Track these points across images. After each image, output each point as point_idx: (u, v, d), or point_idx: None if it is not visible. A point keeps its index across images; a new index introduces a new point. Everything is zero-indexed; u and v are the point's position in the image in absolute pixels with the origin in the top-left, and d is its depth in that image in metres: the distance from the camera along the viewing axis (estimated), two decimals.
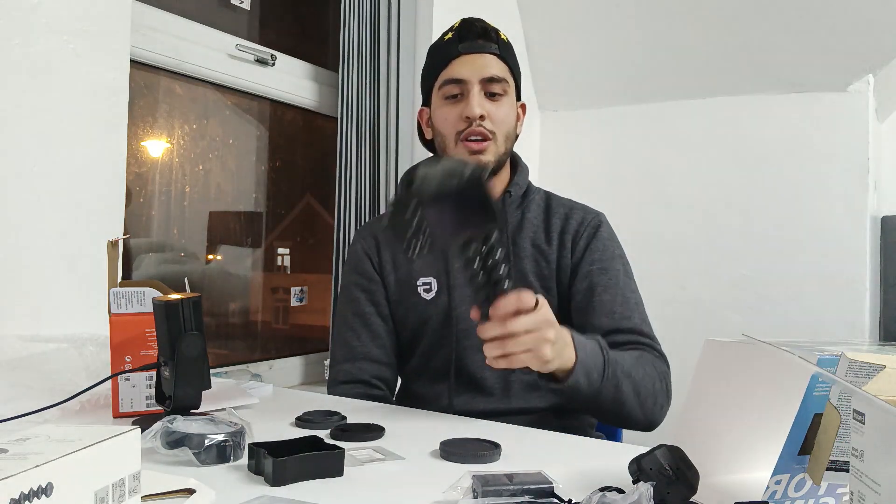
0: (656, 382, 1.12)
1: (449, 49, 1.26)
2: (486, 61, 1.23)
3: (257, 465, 0.71)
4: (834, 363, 0.54)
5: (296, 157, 2.21)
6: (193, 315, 0.87)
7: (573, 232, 1.26)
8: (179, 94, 1.84)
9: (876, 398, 0.45)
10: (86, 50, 1.33)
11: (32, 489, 0.44)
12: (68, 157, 1.31)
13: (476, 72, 1.22)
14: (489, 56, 1.24)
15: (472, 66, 1.23)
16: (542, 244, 1.26)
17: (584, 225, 1.27)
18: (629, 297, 1.22)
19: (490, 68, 1.23)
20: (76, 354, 1.04)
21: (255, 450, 0.72)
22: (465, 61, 1.23)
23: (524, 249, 1.26)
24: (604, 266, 1.23)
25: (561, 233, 1.26)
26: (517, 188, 1.29)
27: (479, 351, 1.16)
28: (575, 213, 1.29)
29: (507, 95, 1.26)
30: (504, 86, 1.24)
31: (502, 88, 1.24)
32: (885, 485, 0.44)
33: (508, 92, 1.26)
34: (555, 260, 1.25)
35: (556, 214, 1.28)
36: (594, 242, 1.25)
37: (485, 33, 1.25)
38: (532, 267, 1.25)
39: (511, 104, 1.27)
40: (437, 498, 0.66)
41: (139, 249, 1.76)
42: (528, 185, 1.33)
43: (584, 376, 1.00)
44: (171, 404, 0.87)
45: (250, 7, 1.98)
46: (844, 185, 2.30)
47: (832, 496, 0.60)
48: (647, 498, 0.54)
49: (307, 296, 2.18)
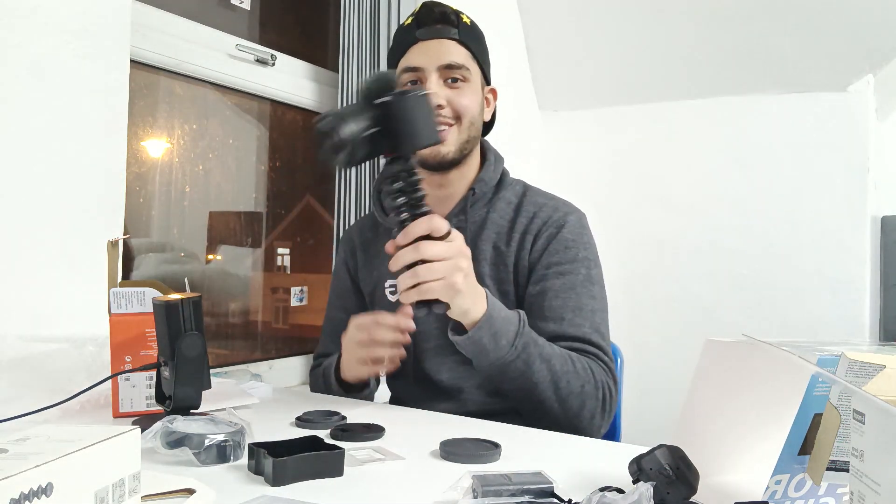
0: (587, 386, 1.06)
1: (407, 35, 1.21)
2: (444, 48, 1.18)
3: (257, 465, 0.71)
4: (834, 363, 0.54)
5: (296, 157, 2.21)
6: (193, 315, 0.87)
7: (535, 231, 1.19)
8: (179, 94, 1.84)
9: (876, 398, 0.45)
10: (86, 50, 1.33)
11: (32, 489, 0.44)
12: (68, 157, 1.31)
13: (433, 59, 1.17)
14: (448, 42, 1.18)
15: (429, 53, 1.18)
16: (503, 246, 1.20)
17: (548, 224, 1.19)
18: (585, 303, 1.14)
19: (449, 55, 1.17)
20: (76, 354, 1.04)
21: (255, 450, 0.72)
22: (423, 48, 1.18)
23: (483, 252, 1.19)
24: (561, 270, 1.15)
25: (523, 232, 1.19)
26: (482, 185, 1.22)
27: (436, 354, 1.20)
28: (542, 211, 1.21)
29: (469, 82, 1.20)
30: (464, 72, 1.18)
31: (462, 75, 1.18)
32: (885, 485, 0.44)
33: (470, 78, 1.20)
34: (512, 262, 1.18)
35: (524, 213, 1.21)
36: (554, 243, 1.17)
37: (444, 17, 1.20)
38: (490, 270, 1.18)
39: (474, 90, 1.21)
40: (437, 498, 0.66)
41: (139, 249, 1.76)
42: (501, 180, 1.25)
43: (489, 335, 1.00)
44: (171, 404, 0.87)
45: (250, 7, 1.98)
46: (844, 185, 2.30)
47: (832, 496, 0.60)
48: (647, 498, 0.54)
49: (307, 296, 2.18)
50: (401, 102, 0.88)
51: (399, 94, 0.88)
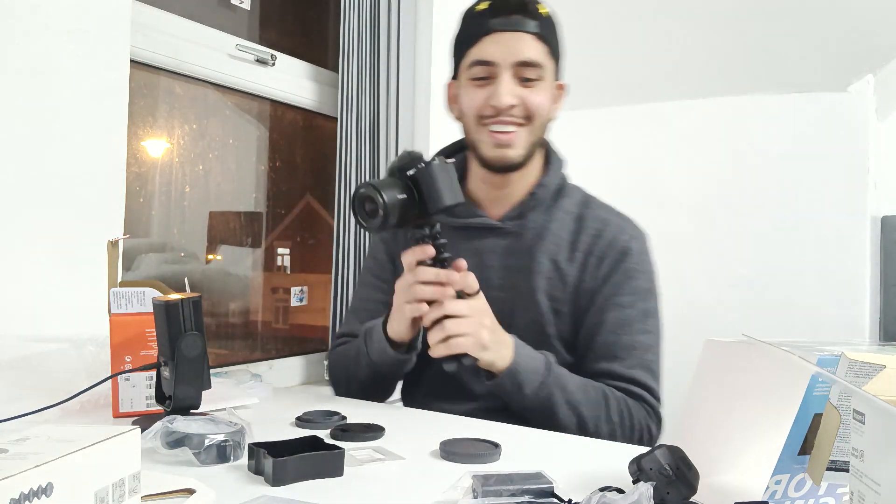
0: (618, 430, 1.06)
1: (480, 23, 1.12)
2: (521, 42, 1.09)
3: (257, 465, 0.71)
4: (834, 363, 0.54)
5: (296, 157, 2.21)
6: (193, 315, 0.87)
7: (599, 253, 1.14)
8: (179, 94, 1.84)
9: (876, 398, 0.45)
10: (86, 50, 1.33)
11: (32, 489, 0.44)
12: (68, 157, 1.31)
13: (508, 54, 1.09)
14: (525, 36, 1.09)
15: (505, 46, 1.09)
16: (563, 262, 1.14)
17: (612, 247, 1.14)
18: (638, 341, 1.11)
19: (525, 51, 1.09)
20: (76, 354, 1.04)
21: (255, 450, 0.72)
22: (497, 40, 1.10)
23: (540, 264, 1.14)
24: (620, 302, 1.12)
25: (587, 252, 1.14)
26: (543, 190, 1.17)
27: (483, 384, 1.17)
28: (607, 231, 1.16)
29: (544, 81, 1.12)
30: (540, 71, 1.11)
31: (538, 74, 1.11)
32: (885, 485, 0.44)
33: (545, 77, 1.12)
34: (573, 282, 1.14)
35: (587, 230, 1.16)
36: (617, 273, 1.13)
37: (522, 7, 1.10)
38: (545, 285, 1.14)
39: (547, 89, 1.13)
40: (437, 498, 0.66)
41: (139, 249, 1.76)
42: (561, 185, 1.20)
43: (512, 384, 1.03)
44: (171, 404, 0.87)
45: (250, 7, 1.98)
46: (844, 185, 2.30)
47: (832, 496, 0.60)
48: (647, 498, 0.54)
49: (307, 296, 2.18)
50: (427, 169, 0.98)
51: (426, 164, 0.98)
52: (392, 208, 0.96)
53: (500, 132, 1.11)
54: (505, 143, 1.12)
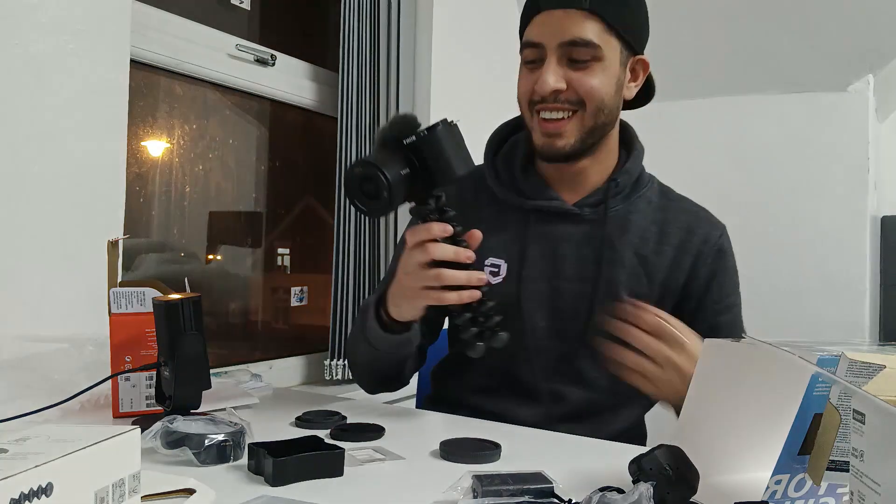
0: None
1: (532, 3, 1.04)
2: (569, 20, 1.00)
3: (257, 465, 0.71)
4: (834, 363, 0.54)
5: (296, 157, 2.21)
6: (193, 315, 0.87)
7: (695, 252, 1.08)
8: (179, 94, 1.84)
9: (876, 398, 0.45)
10: (86, 50, 1.32)
11: (32, 489, 0.44)
12: (68, 157, 1.31)
13: (554, 35, 1.00)
14: (575, 13, 0.99)
15: (552, 26, 1.00)
16: (650, 256, 1.08)
17: (709, 245, 1.09)
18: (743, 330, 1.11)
19: (573, 30, 0.99)
20: (76, 354, 1.04)
21: (255, 450, 0.72)
22: (545, 20, 1.01)
23: (623, 258, 1.06)
24: (729, 303, 1.10)
25: (679, 248, 1.08)
26: (626, 176, 1.09)
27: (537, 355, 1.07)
28: (699, 227, 1.10)
29: (602, 61, 1.01)
30: (594, 51, 1.00)
31: (591, 54, 1.00)
32: (885, 485, 0.44)
33: (603, 56, 1.01)
34: (661, 279, 1.08)
35: (675, 222, 1.10)
36: (721, 275, 1.09)
37: None
38: (626, 280, 1.06)
39: (607, 70, 1.02)
40: (437, 498, 0.66)
41: (139, 249, 1.76)
42: (641, 173, 1.13)
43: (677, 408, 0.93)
44: (171, 404, 0.87)
45: (250, 7, 1.98)
46: (844, 185, 2.30)
47: (832, 496, 0.60)
48: (647, 498, 0.54)
49: (307, 296, 2.18)
50: (432, 137, 0.86)
51: (428, 130, 0.87)
52: (397, 186, 0.84)
53: (547, 120, 1.03)
54: (552, 131, 1.03)
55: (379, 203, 0.85)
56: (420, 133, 0.87)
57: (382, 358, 1.05)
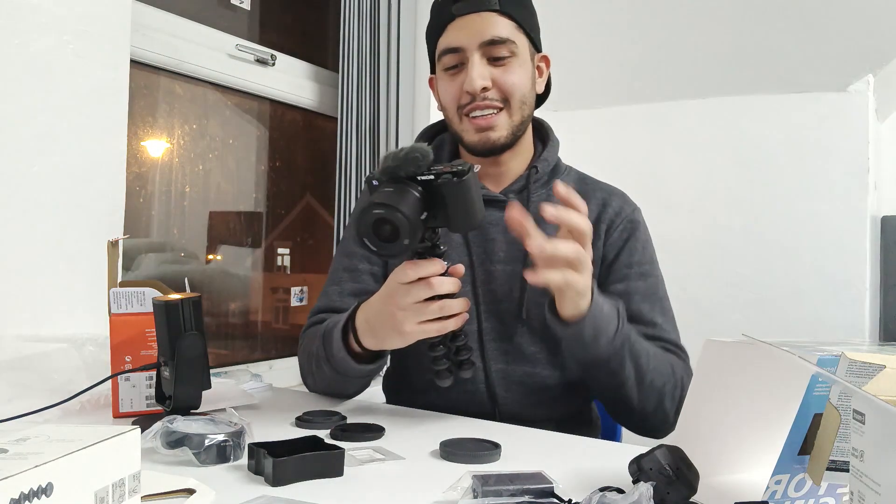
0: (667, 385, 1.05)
1: (443, 12, 1.10)
2: (485, 22, 1.06)
3: (257, 465, 0.71)
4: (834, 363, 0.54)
5: (296, 157, 2.21)
6: (193, 315, 0.87)
7: (608, 221, 1.15)
8: (179, 94, 1.84)
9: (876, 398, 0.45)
10: (86, 50, 1.33)
11: (32, 489, 0.44)
12: (68, 157, 1.31)
13: (473, 36, 1.06)
14: (488, 14, 1.07)
15: (469, 29, 1.07)
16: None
17: (622, 217, 1.15)
18: (666, 307, 1.14)
19: (490, 29, 1.06)
20: (76, 354, 1.04)
21: (255, 450, 0.72)
22: (461, 25, 1.07)
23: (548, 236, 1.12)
24: (643, 270, 1.14)
25: (596, 221, 1.13)
26: (544, 164, 1.16)
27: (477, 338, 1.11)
28: (613, 201, 1.17)
29: (517, 56, 1.09)
30: (511, 46, 1.07)
31: (509, 50, 1.07)
32: (885, 485, 0.44)
33: (518, 52, 1.09)
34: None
35: (591, 199, 1.14)
36: (632, 241, 1.14)
37: None
38: None
39: (523, 64, 1.10)
40: (437, 498, 0.66)
41: (139, 249, 1.76)
42: (558, 163, 1.20)
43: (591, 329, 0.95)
44: (171, 404, 0.87)
45: (250, 7, 1.98)
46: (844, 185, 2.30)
47: (832, 496, 0.60)
48: (647, 498, 0.54)
49: (307, 296, 2.18)
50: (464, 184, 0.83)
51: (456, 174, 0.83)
52: (416, 231, 0.81)
53: (480, 118, 1.09)
54: (485, 126, 1.09)
55: (394, 247, 0.82)
56: (445, 177, 0.83)
57: (350, 382, 1.08)
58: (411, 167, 0.83)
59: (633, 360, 1.01)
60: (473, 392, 1.13)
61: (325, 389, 1.14)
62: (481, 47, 1.07)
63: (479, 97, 1.07)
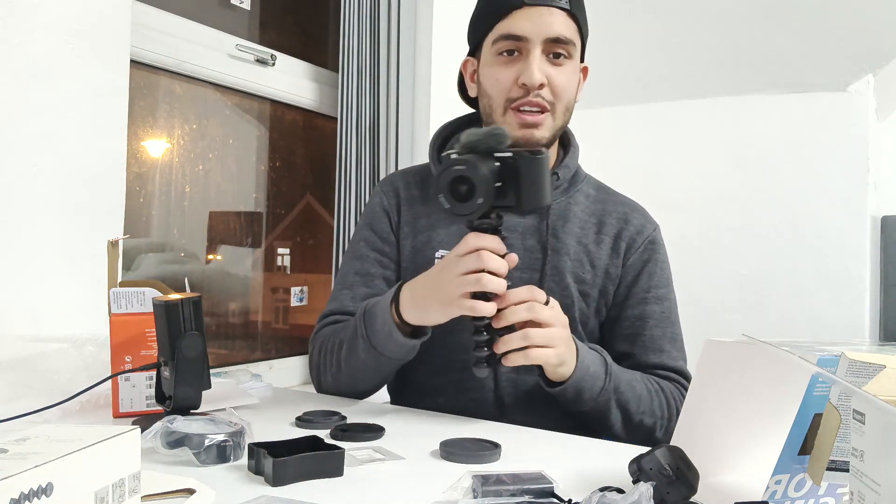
0: (658, 422, 1.06)
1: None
2: (553, 18, 1.05)
3: (257, 465, 0.71)
4: (834, 363, 0.54)
5: (296, 157, 2.21)
6: (193, 315, 0.87)
7: (628, 239, 1.13)
8: (179, 94, 1.84)
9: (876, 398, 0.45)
10: (86, 50, 1.32)
11: (32, 489, 0.44)
12: (68, 158, 1.31)
13: (541, 30, 1.04)
14: (557, 12, 1.05)
15: (537, 21, 1.04)
16: (591, 245, 1.12)
17: (643, 236, 1.14)
18: (677, 331, 1.13)
19: (557, 26, 1.04)
20: (76, 354, 1.04)
21: (255, 450, 0.72)
22: (529, 15, 1.05)
23: (566, 246, 1.10)
24: (659, 295, 1.12)
25: (616, 236, 1.13)
26: (566, 170, 1.14)
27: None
28: (633, 218, 1.15)
29: (572, 60, 1.08)
30: (570, 48, 1.07)
31: (567, 51, 1.07)
32: (885, 485, 0.44)
33: (573, 55, 1.08)
34: (603, 266, 1.12)
35: (612, 213, 1.15)
36: (652, 265, 1.13)
37: None
38: (571, 266, 1.10)
39: (574, 70, 1.10)
40: (437, 498, 0.66)
41: (139, 249, 1.76)
42: (578, 169, 1.18)
43: (574, 391, 0.99)
44: (171, 404, 0.87)
45: (250, 7, 1.98)
46: (844, 185, 2.30)
47: (832, 496, 0.60)
48: (647, 498, 0.54)
49: (307, 296, 2.18)
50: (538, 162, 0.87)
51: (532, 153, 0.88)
52: (490, 196, 0.84)
53: (527, 113, 1.06)
54: (532, 123, 1.07)
55: (467, 206, 0.85)
56: (523, 153, 0.87)
57: (383, 364, 1.05)
58: (492, 142, 0.87)
59: (620, 409, 1.03)
60: (480, 400, 1.11)
61: (347, 382, 1.11)
62: (545, 42, 1.05)
63: (533, 93, 1.05)
